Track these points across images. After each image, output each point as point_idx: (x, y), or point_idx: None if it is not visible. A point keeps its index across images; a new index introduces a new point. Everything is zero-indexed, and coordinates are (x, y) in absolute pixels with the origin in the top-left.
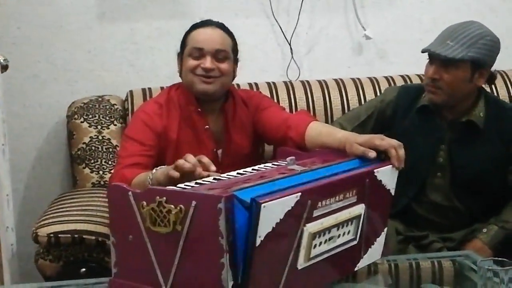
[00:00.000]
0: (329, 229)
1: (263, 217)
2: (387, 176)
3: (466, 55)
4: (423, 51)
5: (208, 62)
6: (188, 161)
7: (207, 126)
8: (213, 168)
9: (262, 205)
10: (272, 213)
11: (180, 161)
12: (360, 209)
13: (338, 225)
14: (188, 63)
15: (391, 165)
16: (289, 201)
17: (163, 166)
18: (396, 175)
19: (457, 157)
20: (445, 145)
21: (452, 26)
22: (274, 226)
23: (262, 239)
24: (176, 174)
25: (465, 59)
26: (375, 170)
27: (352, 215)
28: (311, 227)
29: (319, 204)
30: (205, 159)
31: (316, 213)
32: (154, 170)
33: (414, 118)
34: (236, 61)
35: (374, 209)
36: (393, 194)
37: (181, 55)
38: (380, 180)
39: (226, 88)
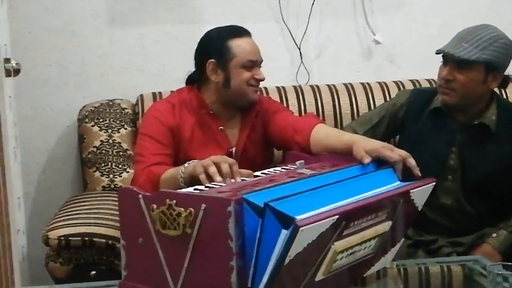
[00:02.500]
0: (353, 246)
1: (298, 239)
2: (421, 195)
3: (481, 57)
4: (437, 52)
5: (262, 74)
6: (220, 169)
7: (221, 127)
8: (239, 180)
9: (300, 229)
10: (307, 235)
11: (212, 170)
12: (386, 226)
13: (362, 242)
14: (244, 75)
15: (427, 185)
16: (326, 223)
17: (194, 160)
18: (428, 194)
19: (468, 160)
20: (456, 147)
21: (467, 29)
22: (306, 246)
23: (291, 258)
24: (206, 182)
25: (479, 61)
26: (411, 191)
27: (378, 232)
28: (338, 245)
29: (352, 224)
30: (236, 168)
31: (346, 232)
32: (186, 164)
33: (426, 121)
34: None
35: (398, 225)
36: (419, 210)
37: (221, 64)
38: (413, 199)
39: None
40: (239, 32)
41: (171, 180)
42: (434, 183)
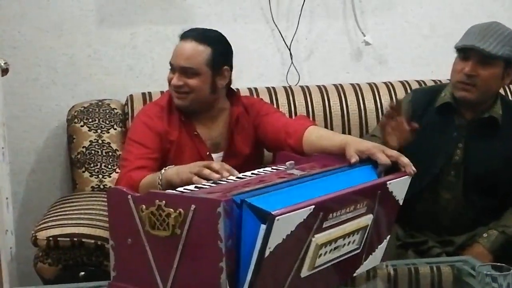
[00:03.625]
0: (336, 239)
1: (275, 230)
2: (399, 187)
3: (505, 53)
4: (460, 47)
5: (175, 79)
6: (214, 169)
7: (196, 132)
8: (236, 173)
9: (276, 218)
10: (284, 226)
11: (207, 171)
12: (368, 219)
13: (345, 236)
14: (169, 76)
15: (403, 177)
16: (302, 213)
17: (171, 166)
18: (407, 186)
19: (473, 155)
20: (462, 144)
21: (482, 25)
22: (285, 237)
23: (271, 250)
24: (201, 181)
25: (503, 56)
26: (387, 182)
27: (360, 225)
28: (319, 238)
29: (330, 216)
30: (227, 166)
31: (325, 224)
32: (163, 170)
33: (432, 117)
34: (218, 70)
35: (381, 219)
36: (401, 204)
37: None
38: (391, 192)
39: (203, 101)
40: (183, 35)
41: (149, 186)
42: (410, 176)
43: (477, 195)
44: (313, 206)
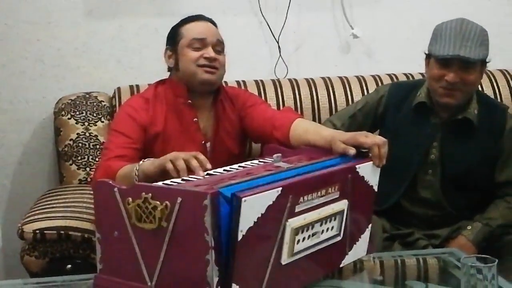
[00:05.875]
0: (312, 224)
1: (244, 212)
2: (369, 172)
3: (481, 53)
4: (444, 58)
5: (211, 52)
6: (192, 164)
7: (196, 119)
8: (209, 166)
9: (243, 199)
10: (253, 208)
11: (181, 166)
12: (343, 204)
13: (321, 221)
14: (189, 54)
15: (369, 162)
16: (270, 195)
17: (150, 158)
18: (378, 171)
19: (449, 154)
20: (437, 142)
21: (454, 28)
22: (256, 220)
23: (244, 233)
24: (171, 168)
25: (483, 58)
26: (356, 166)
27: (335, 210)
28: (293, 222)
29: (301, 199)
30: (201, 156)
31: (298, 208)
32: (140, 162)
33: (407, 115)
34: None
35: (357, 205)
36: (376, 190)
37: (173, 49)
38: (363, 176)
39: (221, 81)
40: (194, 17)
41: (126, 177)
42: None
43: (455, 193)
44: (281, 188)
